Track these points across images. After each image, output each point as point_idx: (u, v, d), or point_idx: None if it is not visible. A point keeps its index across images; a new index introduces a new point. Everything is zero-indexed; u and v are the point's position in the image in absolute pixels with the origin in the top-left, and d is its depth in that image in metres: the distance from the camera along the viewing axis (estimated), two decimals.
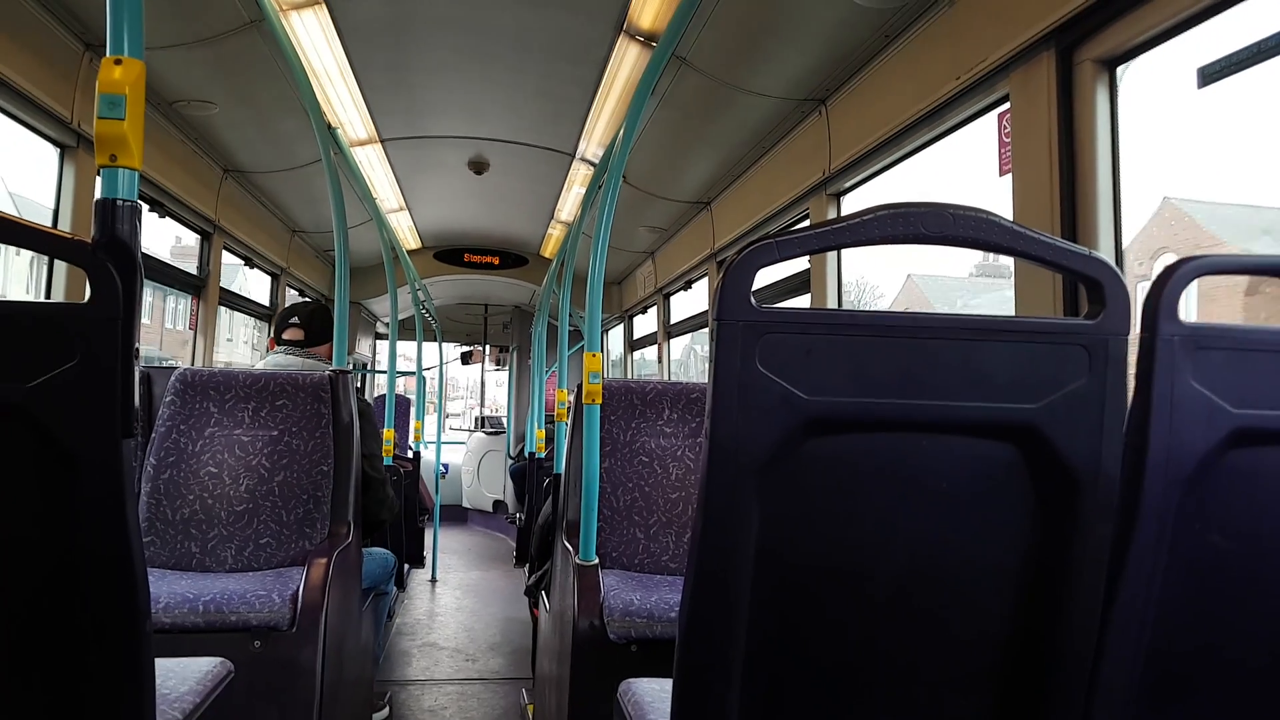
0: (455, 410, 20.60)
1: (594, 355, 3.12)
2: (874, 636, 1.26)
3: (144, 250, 1.50)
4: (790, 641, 1.25)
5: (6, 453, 1.20)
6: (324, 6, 3.74)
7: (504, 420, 12.47)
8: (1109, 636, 1.27)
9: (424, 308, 8.46)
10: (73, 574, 1.23)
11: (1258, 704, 1.36)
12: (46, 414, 1.18)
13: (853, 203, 4.26)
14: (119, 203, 1.43)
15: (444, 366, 13.68)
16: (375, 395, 10.80)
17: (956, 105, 3.14)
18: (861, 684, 1.27)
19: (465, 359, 15.21)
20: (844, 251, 4.34)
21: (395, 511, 3.70)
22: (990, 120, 3.02)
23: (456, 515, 12.27)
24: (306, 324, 3.65)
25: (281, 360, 3.54)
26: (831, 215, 4.24)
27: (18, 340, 1.18)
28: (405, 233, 8.19)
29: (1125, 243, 2.53)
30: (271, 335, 3.65)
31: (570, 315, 5.35)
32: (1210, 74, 2.18)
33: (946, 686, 1.29)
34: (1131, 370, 1.25)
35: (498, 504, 11.73)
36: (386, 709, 4.39)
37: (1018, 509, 1.23)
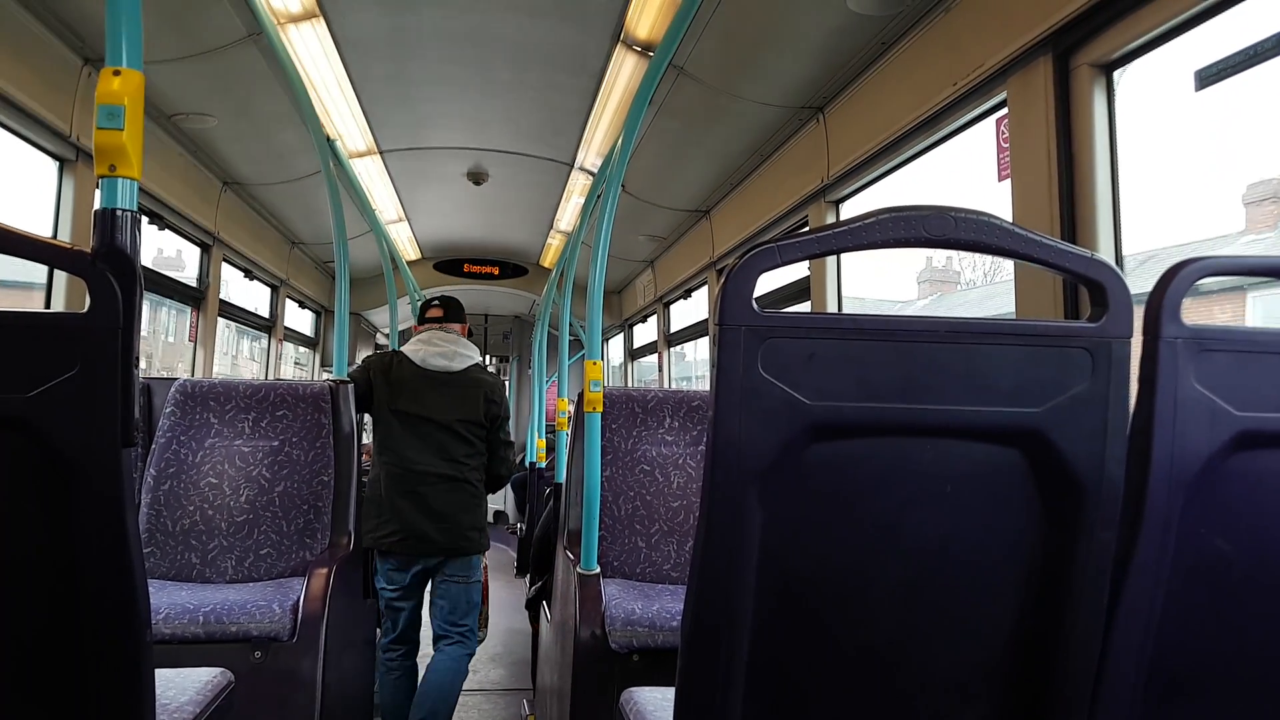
0: None
1: (595, 363, 3.12)
2: (878, 643, 1.25)
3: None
4: (793, 649, 1.25)
5: (6, 462, 1.20)
6: (322, 19, 3.75)
7: None
8: (1114, 640, 1.26)
9: None
10: (72, 584, 1.23)
11: (1263, 707, 1.35)
12: (47, 423, 1.18)
13: (851, 210, 4.27)
14: (118, 212, 1.43)
15: None
16: None
17: (954, 111, 3.15)
18: (866, 690, 1.27)
19: None
20: (844, 257, 4.35)
21: (513, 470, 4.13)
22: (988, 125, 3.02)
23: None
24: (445, 305, 3.97)
25: (435, 331, 3.84)
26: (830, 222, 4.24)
27: (18, 350, 1.18)
28: (405, 244, 8.20)
29: None
30: (416, 322, 4.12)
31: (570, 324, 5.35)
32: (1207, 77, 2.19)
33: (951, 692, 1.28)
34: (1134, 373, 1.25)
35: (498, 515, 11.70)
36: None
37: (1022, 513, 1.23)
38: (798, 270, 4.81)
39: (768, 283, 5.18)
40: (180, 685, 1.86)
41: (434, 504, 3.56)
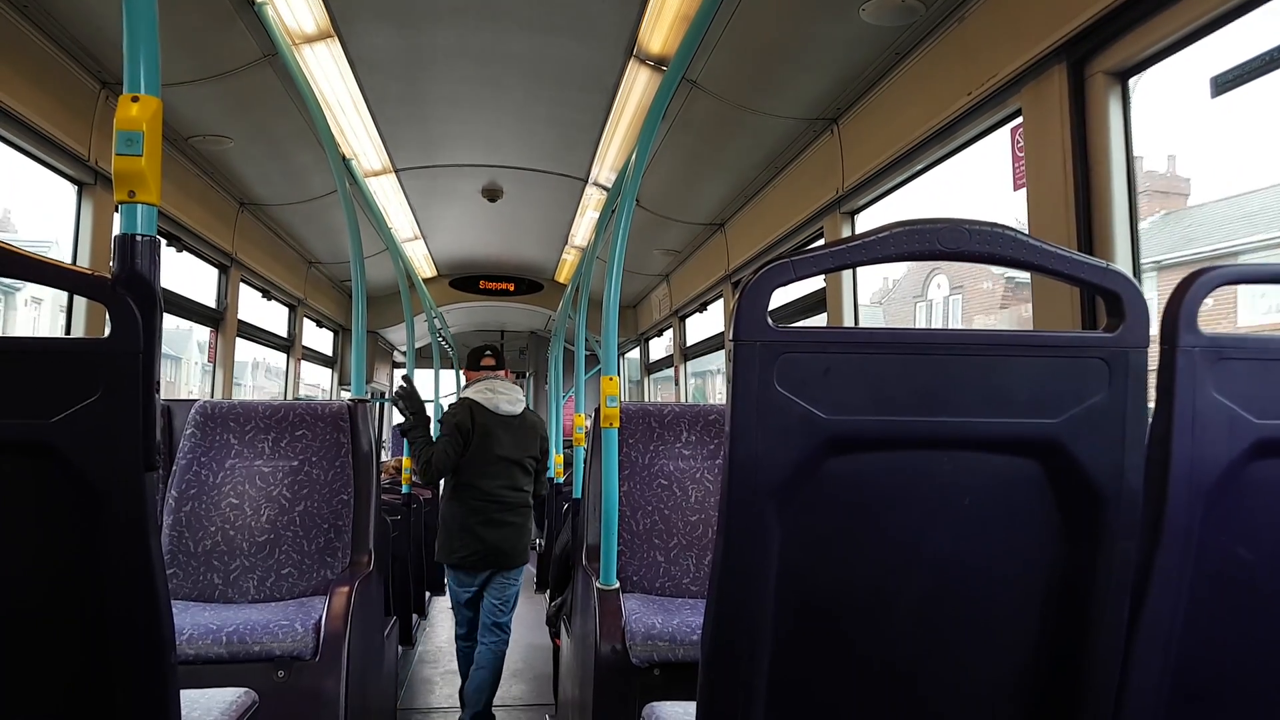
0: None
1: (611, 379, 3.12)
2: (898, 656, 1.24)
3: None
4: (814, 664, 1.24)
5: (31, 487, 1.21)
6: (336, 39, 3.78)
7: None
8: (1136, 649, 1.25)
9: (440, 335, 8.50)
10: (97, 607, 1.24)
11: None
12: (70, 448, 1.19)
13: (867, 220, 4.26)
14: (138, 238, 1.45)
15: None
16: (393, 424, 10.83)
17: (969, 121, 3.14)
18: (888, 706, 1.26)
19: None
20: (859, 269, 4.34)
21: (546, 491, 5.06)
22: (1003, 135, 3.01)
23: None
24: (496, 355, 4.73)
25: (494, 380, 4.55)
26: (846, 234, 4.24)
27: (40, 376, 1.19)
28: (421, 261, 8.23)
29: None
30: (467, 367, 4.75)
31: (586, 339, 5.36)
32: (1224, 83, 2.17)
33: (973, 705, 1.27)
34: (1152, 383, 1.24)
35: None
36: None
37: (1041, 524, 1.22)
38: (813, 282, 4.81)
39: (783, 295, 5.20)
40: (205, 706, 1.87)
41: (505, 525, 4.42)
